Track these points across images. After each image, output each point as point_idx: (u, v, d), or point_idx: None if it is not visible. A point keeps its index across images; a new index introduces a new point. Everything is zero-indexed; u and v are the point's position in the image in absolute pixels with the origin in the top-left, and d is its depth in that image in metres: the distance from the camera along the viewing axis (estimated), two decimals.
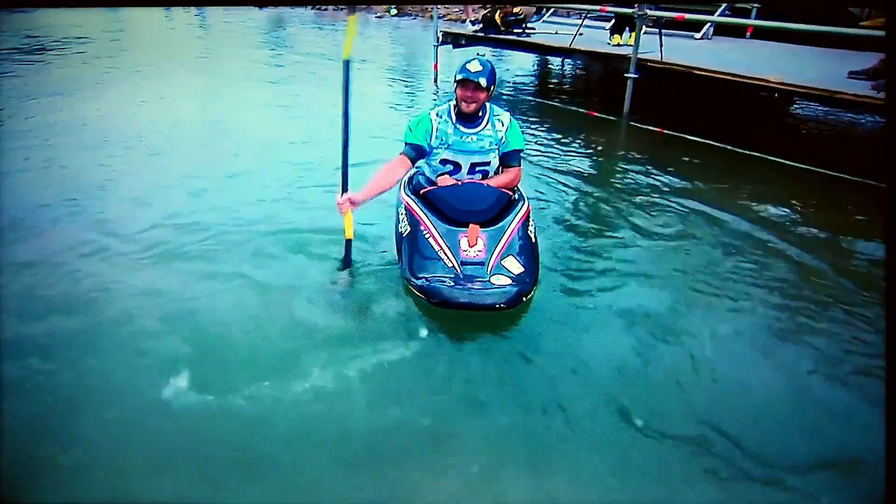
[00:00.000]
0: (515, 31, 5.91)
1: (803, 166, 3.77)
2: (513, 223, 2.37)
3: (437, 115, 2.50)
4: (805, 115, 5.19)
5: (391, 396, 1.84)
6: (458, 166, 2.53)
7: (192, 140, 4.36)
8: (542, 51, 5.77)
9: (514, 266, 2.25)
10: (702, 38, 5.95)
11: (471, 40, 6.21)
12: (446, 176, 2.54)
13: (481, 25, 6.09)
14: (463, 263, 2.22)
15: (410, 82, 6.56)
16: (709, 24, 5.98)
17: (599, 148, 4.33)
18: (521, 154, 2.59)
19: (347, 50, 2.24)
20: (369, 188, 2.40)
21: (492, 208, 2.40)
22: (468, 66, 2.37)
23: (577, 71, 7.13)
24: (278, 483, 1.56)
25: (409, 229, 2.38)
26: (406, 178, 2.69)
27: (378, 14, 12.71)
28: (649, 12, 4.51)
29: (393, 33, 10.91)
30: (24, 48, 8.15)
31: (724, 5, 6.34)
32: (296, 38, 10.29)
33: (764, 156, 3.96)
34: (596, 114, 5.05)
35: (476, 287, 2.12)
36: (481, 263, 2.23)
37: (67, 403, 1.82)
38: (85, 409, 1.80)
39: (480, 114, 2.48)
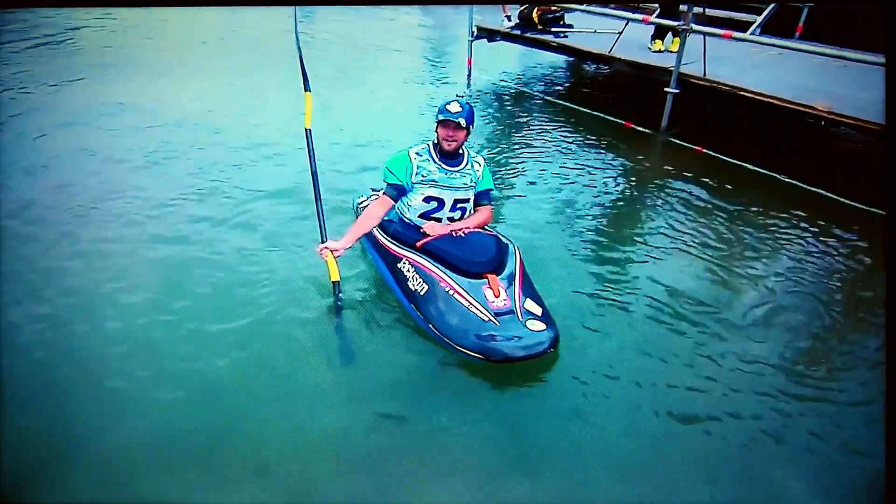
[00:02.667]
0: (553, 29, 5.74)
1: (857, 205, 3.60)
2: (517, 265, 2.47)
3: (416, 153, 2.61)
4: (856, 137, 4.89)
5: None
6: (441, 203, 2.62)
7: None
8: (580, 56, 5.60)
9: (535, 307, 2.34)
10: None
11: (506, 37, 6.05)
12: (434, 223, 2.62)
13: (517, 22, 5.92)
14: (497, 315, 2.27)
15: (442, 75, 6.45)
16: (756, 25, 5.70)
17: (634, 164, 4.24)
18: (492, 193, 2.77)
19: (308, 121, 2.73)
20: (352, 234, 2.58)
21: (498, 254, 2.48)
22: (448, 107, 2.50)
23: (613, 73, 6.87)
24: None
25: (425, 287, 2.39)
26: (380, 231, 2.73)
27: None
28: (694, 27, 4.33)
29: (421, 13, 10.58)
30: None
31: (773, 4, 6.03)
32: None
33: (812, 188, 3.78)
34: (632, 125, 4.92)
35: (521, 336, 2.20)
36: (511, 312, 2.29)
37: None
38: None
39: (461, 152, 2.62)
